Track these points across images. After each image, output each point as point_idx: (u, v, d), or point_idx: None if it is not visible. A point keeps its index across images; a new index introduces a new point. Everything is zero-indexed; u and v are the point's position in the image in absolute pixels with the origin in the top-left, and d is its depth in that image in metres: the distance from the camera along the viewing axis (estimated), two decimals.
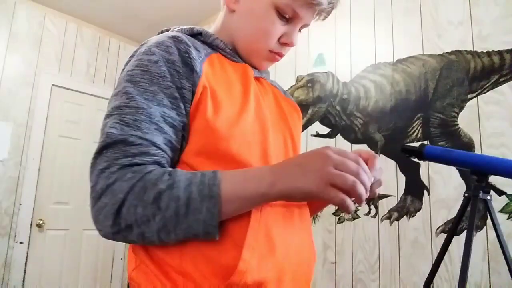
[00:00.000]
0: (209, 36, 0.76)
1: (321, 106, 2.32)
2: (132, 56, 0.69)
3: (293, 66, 2.52)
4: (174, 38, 0.66)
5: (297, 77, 2.48)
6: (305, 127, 2.38)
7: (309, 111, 2.36)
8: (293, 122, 0.82)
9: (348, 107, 2.21)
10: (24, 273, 2.86)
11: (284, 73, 2.56)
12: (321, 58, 2.42)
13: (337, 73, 2.31)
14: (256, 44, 0.75)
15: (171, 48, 0.65)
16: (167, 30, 0.78)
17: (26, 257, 2.89)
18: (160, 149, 0.60)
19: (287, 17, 0.72)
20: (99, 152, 0.59)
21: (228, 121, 0.64)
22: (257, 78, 0.78)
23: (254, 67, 0.78)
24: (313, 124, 2.35)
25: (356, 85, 2.21)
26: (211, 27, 0.83)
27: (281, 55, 0.77)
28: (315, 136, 2.31)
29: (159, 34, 0.77)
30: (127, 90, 0.62)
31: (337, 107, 2.25)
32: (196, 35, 0.76)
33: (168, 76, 0.63)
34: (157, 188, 0.55)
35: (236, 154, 0.63)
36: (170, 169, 0.59)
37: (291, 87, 2.48)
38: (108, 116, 0.62)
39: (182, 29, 0.76)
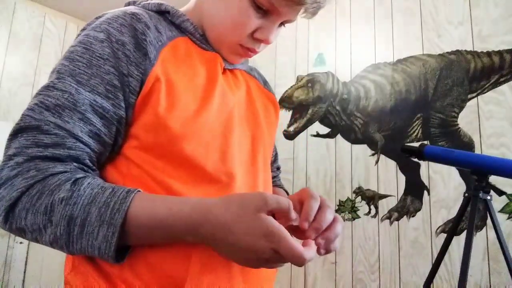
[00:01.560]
0: (177, 16, 0.65)
1: (321, 106, 2.32)
2: (83, 29, 0.60)
3: (293, 66, 2.53)
4: (132, 16, 0.57)
5: (297, 77, 2.48)
6: (305, 127, 2.38)
7: (309, 111, 2.36)
8: (267, 118, 0.74)
9: (348, 107, 2.21)
10: (24, 273, 2.86)
11: (284, 73, 2.56)
12: (321, 58, 2.42)
13: (337, 73, 2.31)
14: (225, 36, 0.64)
15: (124, 27, 0.56)
16: (134, 2, 0.68)
17: (26, 257, 2.89)
18: (81, 142, 0.52)
19: (264, 9, 0.61)
20: (13, 135, 0.52)
21: (184, 118, 0.56)
22: (230, 70, 0.70)
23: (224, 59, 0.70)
24: (313, 124, 2.35)
25: (356, 85, 2.21)
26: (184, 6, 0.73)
27: (254, 52, 0.66)
28: (315, 136, 2.31)
29: (125, 5, 0.68)
30: (59, 69, 0.54)
31: (337, 107, 2.25)
32: (164, 13, 0.65)
33: (111, 60, 0.54)
34: (52, 197, 0.48)
35: (190, 156, 0.56)
36: (81, 175, 0.51)
37: (291, 87, 2.48)
38: (36, 94, 0.54)
39: (149, 4, 0.66)
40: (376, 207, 2.01)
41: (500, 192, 1.19)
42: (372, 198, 2.03)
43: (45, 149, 0.50)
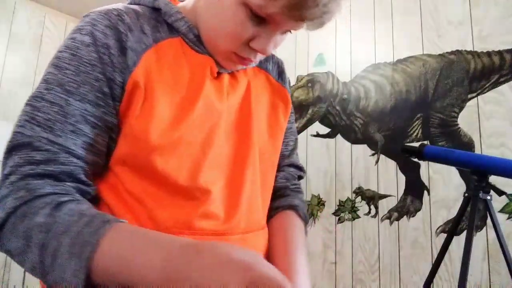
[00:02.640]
0: (169, 15, 0.59)
1: (321, 106, 2.32)
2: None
3: (293, 66, 2.53)
4: (118, 16, 0.54)
5: (297, 77, 2.48)
6: (305, 127, 2.38)
7: (309, 111, 2.36)
8: (272, 119, 0.68)
9: (348, 107, 2.21)
10: (24, 273, 2.86)
11: None
12: (321, 58, 2.42)
13: (337, 73, 2.31)
14: (218, 43, 0.58)
15: (109, 29, 0.53)
16: None
17: None
18: (74, 156, 0.50)
19: (261, 17, 0.55)
20: (8, 153, 0.50)
21: (159, 130, 0.53)
22: (229, 73, 0.64)
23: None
24: (313, 124, 2.35)
25: (356, 85, 2.21)
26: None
27: (250, 61, 0.60)
28: (315, 136, 2.31)
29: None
30: (48, 78, 0.52)
31: (337, 107, 2.25)
32: (158, 10, 0.60)
33: (99, 65, 0.52)
34: (32, 222, 0.45)
35: (161, 169, 0.53)
36: (66, 198, 0.47)
37: (291, 87, 2.48)
38: (25, 105, 0.52)
39: None
40: (376, 207, 2.01)
41: (500, 192, 1.19)
42: (372, 198, 2.03)
43: (37, 166, 0.48)
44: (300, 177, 0.80)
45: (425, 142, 1.88)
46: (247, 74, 0.68)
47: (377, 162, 2.05)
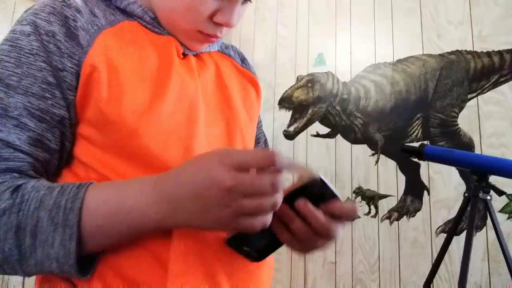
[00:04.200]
0: (120, 0, 0.56)
1: (321, 106, 2.32)
2: None
3: (293, 66, 2.52)
4: (62, 2, 0.51)
5: (297, 77, 2.48)
6: (305, 127, 2.38)
7: (309, 111, 2.36)
8: (245, 99, 0.66)
9: (348, 107, 2.21)
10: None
11: (284, 73, 2.56)
12: (321, 58, 2.42)
13: (337, 73, 2.31)
14: (179, 22, 0.55)
15: (53, 15, 0.49)
16: None
17: None
18: (20, 151, 0.46)
19: None
20: None
21: (135, 109, 0.49)
22: (195, 55, 0.61)
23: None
24: (313, 124, 2.35)
25: (356, 85, 2.21)
26: None
27: (216, 37, 0.58)
28: (315, 136, 2.31)
29: None
30: None
31: (337, 107, 2.25)
32: None
33: (42, 54, 0.48)
34: None
35: (147, 150, 0.49)
36: (22, 181, 0.44)
37: (291, 87, 2.48)
38: None
39: None
40: (376, 207, 2.01)
41: (500, 192, 1.19)
42: (372, 198, 2.03)
43: None
44: None
45: (425, 142, 1.88)
46: (213, 56, 0.65)
47: (377, 162, 2.05)
